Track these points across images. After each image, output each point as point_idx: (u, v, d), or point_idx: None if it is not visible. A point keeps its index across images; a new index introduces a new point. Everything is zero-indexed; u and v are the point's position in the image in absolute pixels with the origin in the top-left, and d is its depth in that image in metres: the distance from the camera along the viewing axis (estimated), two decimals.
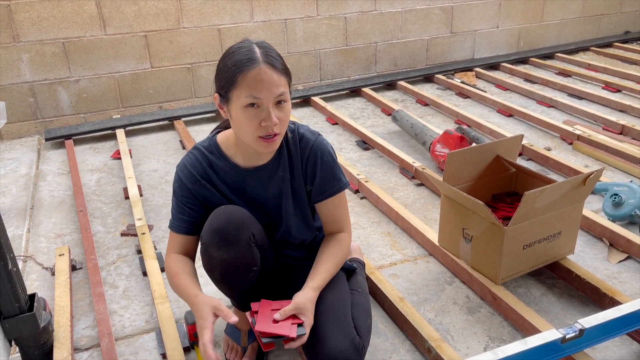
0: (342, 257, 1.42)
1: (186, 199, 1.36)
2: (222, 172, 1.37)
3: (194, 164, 1.37)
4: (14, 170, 2.80)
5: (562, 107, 3.33)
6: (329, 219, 1.44)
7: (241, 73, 1.20)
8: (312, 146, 1.38)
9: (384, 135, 3.04)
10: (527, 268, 1.75)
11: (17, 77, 3.10)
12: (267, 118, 1.22)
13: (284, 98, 1.24)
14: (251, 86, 1.20)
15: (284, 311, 1.24)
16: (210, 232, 1.28)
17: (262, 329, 1.21)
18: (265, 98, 1.20)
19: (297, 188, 1.41)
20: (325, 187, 1.40)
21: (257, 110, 1.22)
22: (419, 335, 1.52)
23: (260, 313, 1.26)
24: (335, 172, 1.41)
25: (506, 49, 4.47)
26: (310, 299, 1.28)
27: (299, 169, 1.39)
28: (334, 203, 1.42)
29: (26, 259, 2.04)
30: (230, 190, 1.38)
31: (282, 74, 1.24)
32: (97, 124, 3.22)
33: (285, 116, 1.26)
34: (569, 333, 1.34)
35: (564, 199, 1.66)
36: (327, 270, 1.37)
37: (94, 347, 1.60)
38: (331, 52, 3.85)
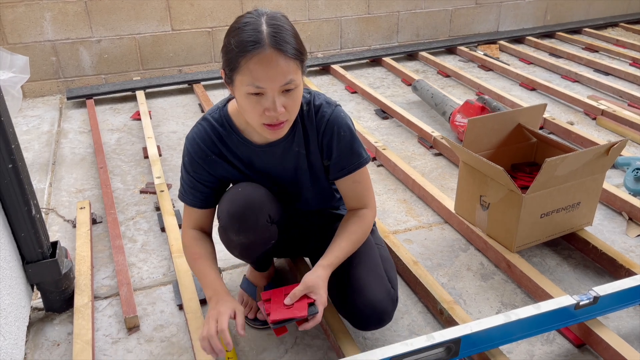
0: (361, 234, 1.34)
1: (198, 174, 1.30)
2: (234, 146, 1.30)
3: (203, 137, 1.28)
4: (36, 127, 2.84)
5: (587, 82, 3.26)
6: (349, 195, 1.36)
7: (244, 57, 1.08)
8: (328, 120, 1.28)
9: (403, 105, 3.01)
10: (543, 237, 1.74)
11: (40, 36, 3.12)
12: (271, 108, 1.11)
13: (293, 85, 1.12)
14: (254, 74, 1.08)
15: (293, 294, 1.21)
16: (229, 217, 1.26)
17: (275, 318, 1.19)
18: (269, 87, 1.10)
19: (314, 163, 1.34)
20: (344, 164, 1.31)
21: (261, 98, 1.11)
22: (432, 298, 1.53)
23: (273, 302, 1.24)
24: (355, 147, 1.31)
25: (532, 22, 4.36)
26: (320, 276, 1.23)
27: (315, 143, 1.30)
28: (354, 179, 1.33)
29: (48, 211, 2.08)
30: (243, 164, 1.32)
31: (293, 59, 1.10)
32: (118, 85, 3.24)
33: (293, 103, 1.15)
34: (583, 300, 1.34)
35: (586, 168, 1.64)
36: (342, 248, 1.30)
37: (113, 295, 1.64)
38: (353, 19, 3.80)
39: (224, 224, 1.28)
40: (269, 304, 1.24)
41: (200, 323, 1.44)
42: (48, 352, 1.44)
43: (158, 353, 1.43)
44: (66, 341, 1.47)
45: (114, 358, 1.42)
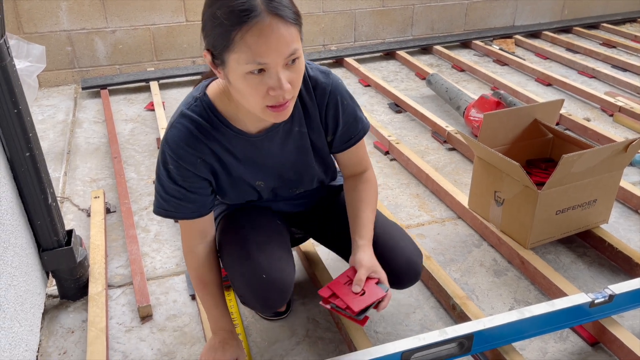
0: (375, 197, 1.30)
1: (189, 182, 1.12)
2: (226, 141, 1.12)
3: (187, 138, 1.08)
4: (51, 116, 2.87)
5: (605, 78, 3.21)
6: (352, 162, 1.29)
7: (238, 31, 0.91)
8: (330, 93, 1.16)
9: (417, 99, 2.99)
10: (558, 234, 1.72)
11: (55, 25, 3.13)
12: (276, 85, 0.96)
13: (297, 55, 0.97)
14: (254, 49, 0.92)
15: (359, 280, 1.14)
16: (252, 298, 1.18)
17: (358, 308, 1.12)
18: (273, 62, 0.94)
19: (316, 140, 1.23)
20: (351, 134, 1.23)
21: (263, 76, 0.95)
22: (444, 293, 1.53)
23: (341, 295, 1.14)
24: (357, 114, 1.23)
25: (549, 16, 4.30)
26: (371, 255, 1.19)
27: (316, 119, 1.19)
28: (357, 146, 1.27)
29: (63, 200, 2.10)
30: (238, 160, 1.16)
31: (293, 24, 0.95)
32: (132, 75, 3.25)
33: (298, 76, 1.00)
34: (598, 298, 1.33)
35: (603, 165, 1.61)
36: (369, 219, 1.25)
37: (126, 284, 1.65)
38: (367, 12, 3.77)
39: (245, 300, 1.21)
40: (337, 298, 1.15)
41: None
42: (62, 339, 1.46)
43: (170, 342, 1.44)
44: (80, 328, 1.49)
45: (127, 346, 1.43)
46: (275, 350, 1.40)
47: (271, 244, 1.24)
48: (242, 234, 1.25)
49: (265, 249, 1.21)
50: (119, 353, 1.41)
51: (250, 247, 1.20)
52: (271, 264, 1.18)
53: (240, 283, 1.18)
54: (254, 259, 1.18)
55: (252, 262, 1.17)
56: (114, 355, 1.40)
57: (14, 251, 1.27)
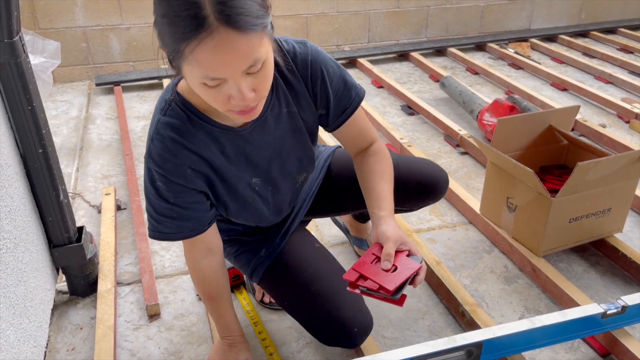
0: (390, 168, 1.18)
1: (180, 198, 1.02)
2: (212, 140, 1.01)
3: (174, 150, 0.97)
4: (65, 112, 2.89)
5: (622, 84, 3.17)
6: (354, 135, 1.18)
7: (187, 44, 0.79)
8: (311, 62, 1.05)
9: (430, 102, 2.97)
10: (570, 242, 1.70)
11: (71, 22, 3.15)
12: (237, 97, 0.85)
13: (260, 64, 0.84)
14: (205, 65, 0.80)
15: (387, 255, 1.01)
16: (344, 345, 1.15)
17: (393, 286, 0.98)
18: (228, 76, 0.83)
19: (307, 118, 1.12)
20: (345, 103, 1.12)
21: (222, 86, 0.85)
22: (454, 299, 1.51)
23: (370, 275, 1.01)
24: (347, 79, 1.12)
25: (566, 20, 4.25)
26: (395, 225, 1.07)
27: (304, 94, 1.08)
28: (356, 117, 1.15)
29: (74, 196, 2.11)
30: (230, 161, 1.06)
31: (253, 30, 0.80)
32: (145, 72, 3.26)
33: (264, 82, 0.88)
34: (610, 309, 1.31)
35: (618, 173, 1.59)
36: (386, 190, 1.13)
37: (135, 282, 1.66)
38: (381, 13, 3.76)
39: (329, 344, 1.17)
40: (366, 280, 1.01)
41: None
42: (71, 335, 1.46)
43: (178, 342, 1.44)
44: (89, 325, 1.49)
45: (134, 344, 1.43)
46: (282, 353, 1.40)
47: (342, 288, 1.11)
48: (309, 289, 1.16)
49: (340, 299, 1.13)
50: (127, 351, 1.41)
51: (330, 304, 1.13)
52: (357, 313, 1.13)
53: (332, 337, 1.14)
54: (343, 316, 1.11)
55: (341, 320, 1.11)
56: (122, 353, 1.41)
57: (25, 247, 1.27)
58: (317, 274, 1.19)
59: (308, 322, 1.19)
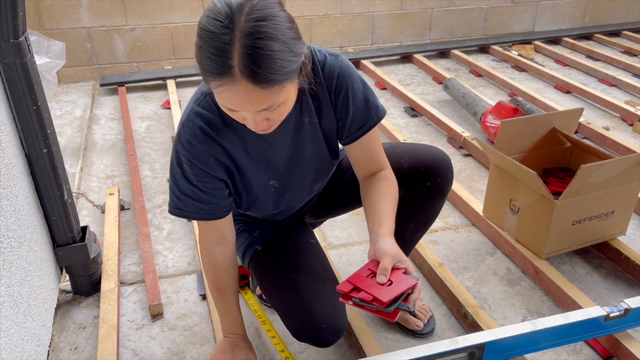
0: (395, 194, 1.18)
1: (203, 182, 1.08)
2: (238, 136, 1.08)
3: (199, 136, 1.05)
4: (69, 112, 2.90)
5: (625, 87, 3.16)
6: (366, 157, 1.19)
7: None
8: (338, 75, 1.09)
9: (434, 104, 2.97)
10: (573, 245, 1.70)
11: (76, 22, 3.17)
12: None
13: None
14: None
15: (384, 269, 1.01)
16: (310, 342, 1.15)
17: (388, 298, 0.97)
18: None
19: (328, 128, 1.16)
20: (363, 120, 1.14)
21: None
22: (456, 301, 1.51)
23: (365, 287, 1.00)
24: (369, 99, 1.14)
25: (570, 22, 4.25)
26: (393, 243, 1.07)
27: (327, 103, 1.12)
28: (370, 138, 1.17)
29: (78, 196, 2.12)
30: (251, 159, 1.12)
31: (275, 84, 0.86)
32: (149, 73, 3.27)
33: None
34: (613, 311, 1.31)
35: (621, 176, 1.59)
36: (388, 211, 1.13)
37: (138, 282, 1.66)
38: (385, 15, 3.76)
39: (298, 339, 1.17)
40: (360, 292, 1.01)
41: None
42: (74, 334, 1.47)
43: (180, 342, 1.44)
44: (92, 325, 1.50)
45: (137, 344, 1.44)
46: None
47: (321, 284, 1.17)
48: (288, 276, 1.18)
49: (317, 294, 1.15)
50: (129, 350, 1.42)
51: (303, 295, 1.14)
52: (328, 312, 1.13)
53: (298, 329, 1.15)
54: (312, 310, 1.12)
55: (309, 313, 1.12)
56: (125, 352, 1.41)
57: (29, 246, 1.28)
58: (300, 263, 1.21)
59: (281, 310, 1.19)
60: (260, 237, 1.30)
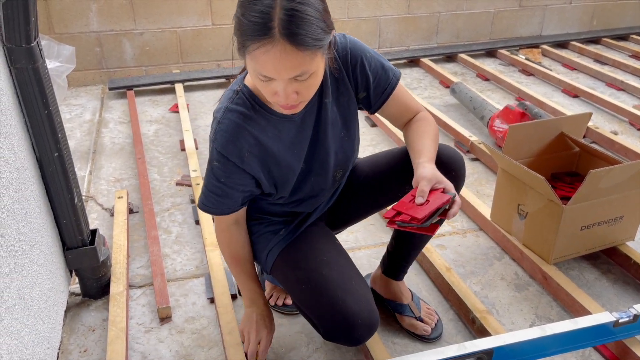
0: (434, 130, 1.25)
1: (231, 179, 1.15)
2: (271, 127, 1.14)
3: (238, 133, 1.11)
4: (78, 115, 2.92)
5: (633, 91, 3.15)
6: (399, 111, 1.27)
7: (251, 43, 0.93)
8: (350, 48, 1.17)
9: (441, 108, 2.97)
10: (582, 250, 1.69)
11: (85, 26, 3.20)
12: (280, 94, 0.99)
13: (306, 76, 0.98)
14: (260, 64, 0.95)
15: (422, 191, 1.07)
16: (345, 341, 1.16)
17: (422, 215, 1.04)
18: (277, 77, 0.97)
19: (345, 104, 1.22)
20: (383, 84, 1.22)
21: (271, 82, 0.99)
22: (464, 306, 1.51)
23: (405, 210, 1.07)
24: (384, 64, 1.22)
25: (578, 27, 4.24)
26: (432, 168, 1.13)
27: (344, 79, 1.19)
28: (396, 95, 1.24)
29: (87, 199, 2.14)
30: (285, 147, 1.17)
31: (309, 49, 0.93)
32: (158, 77, 3.30)
33: (307, 90, 1.02)
34: (622, 317, 1.30)
35: (631, 181, 1.58)
36: (428, 145, 1.19)
37: (147, 285, 1.67)
38: (392, 19, 3.77)
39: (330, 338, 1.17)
40: (401, 215, 1.07)
41: (231, 317, 1.46)
42: (83, 337, 1.48)
43: (189, 345, 1.45)
44: (101, 327, 1.51)
45: (146, 347, 1.44)
46: (291, 358, 1.40)
47: (353, 280, 1.18)
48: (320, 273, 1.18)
49: (349, 288, 1.15)
50: (138, 353, 1.42)
51: (337, 292, 1.14)
52: (364, 307, 1.14)
53: (333, 327, 1.14)
54: (347, 306, 1.12)
55: (345, 309, 1.12)
56: (133, 355, 1.42)
57: (40, 249, 1.29)
58: (330, 261, 1.21)
59: (312, 308, 1.19)
60: (285, 237, 1.31)
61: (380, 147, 2.56)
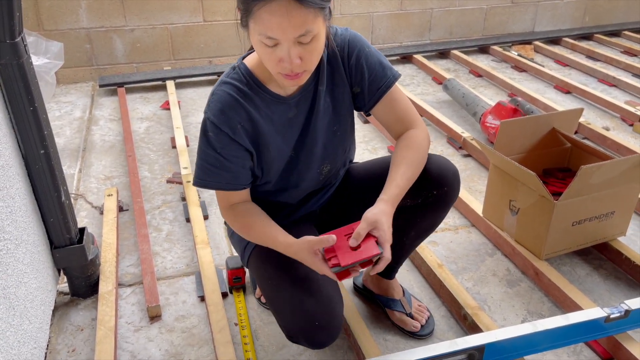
0: (416, 157, 1.18)
1: (226, 150, 1.12)
2: (265, 106, 1.14)
3: (228, 102, 1.11)
4: (68, 113, 2.89)
5: (625, 87, 3.16)
6: (391, 118, 1.22)
7: (257, 4, 0.95)
8: (349, 40, 1.17)
9: (433, 104, 2.96)
10: (574, 246, 1.69)
11: (75, 23, 3.16)
12: (285, 59, 1.00)
13: (309, 37, 0.99)
14: (266, 24, 0.96)
15: (357, 233, 1.05)
16: (304, 341, 1.13)
17: (346, 262, 1.03)
18: (282, 39, 0.98)
19: (340, 97, 1.20)
20: (379, 81, 1.19)
21: (276, 48, 0.99)
22: (456, 302, 1.51)
23: (337, 247, 1.06)
24: (382, 61, 1.20)
25: (570, 23, 4.24)
26: (382, 211, 1.08)
27: (339, 69, 1.18)
28: (392, 97, 1.20)
29: (77, 197, 2.12)
30: (276, 129, 1.16)
31: (312, 6, 0.96)
32: (149, 74, 3.27)
33: (310, 55, 1.02)
34: (613, 313, 1.30)
35: (622, 177, 1.58)
36: (401, 175, 1.14)
37: (136, 284, 1.65)
38: (385, 15, 3.75)
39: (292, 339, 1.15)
40: (331, 260, 1.06)
41: (222, 316, 1.45)
42: (72, 336, 1.46)
43: (179, 343, 1.43)
44: (90, 326, 1.49)
45: (135, 346, 1.43)
46: (282, 355, 1.39)
47: (319, 282, 1.15)
48: (287, 272, 1.16)
49: (314, 290, 1.12)
50: (127, 353, 1.41)
51: (300, 291, 1.12)
52: (324, 310, 1.11)
53: (292, 327, 1.13)
54: (307, 306, 1.10)
55: (305, 309, 1.10)
56: (122, 354, 1.40)
57: (26, 248, 1.27)
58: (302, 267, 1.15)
59: (275, 307, 1.17)
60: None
61: (373, 143, 2.55)
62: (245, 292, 1.59)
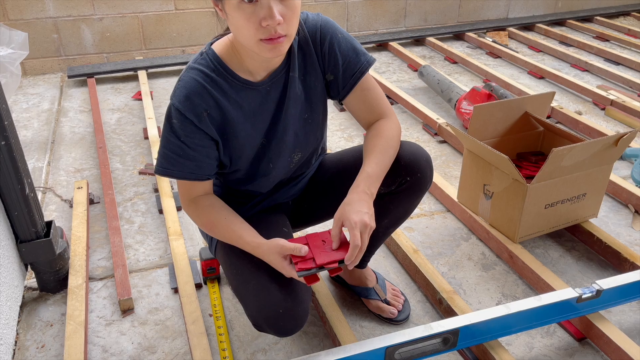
0: (386, 145, 1.17)
1: (190, 138, 1.08)
2: (233, 93, 1.11)
3: (195, 89, 1.07)
4: (36, 105, 2.81)
5: (597, 72, 3.20)
6: (362, 107, 1.21)
7: None
8: (321, 25, 1.16)
9: (409, 91, 2.96)
10: (547, 228, 1.70)
11: (41, 12, 3.07)
12: (267, 16, 0.96)
13: None
14: None
15: (334, 236, 1.07)
16: (268, 329, 1.11)
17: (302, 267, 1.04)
18: None
19: (312, 85, 1.18)
20: (353, 68, 1.17)
21: (255, 6, 0.97)
22: (431, 287, 1.51)
23: (313, 248, 1.08)
24: (356, 47, 1.18)
25: (543, 9, 4.27)
26: (348, 202, 1.08)
27: (312, 56, 1.16)
28: (363, 86, 1.19)
29: (45, 190, 2.06)
30: (245, 116, 1.13)
31: None
32: (120, 64, 3.20)
33: (291, 13, 0.99)
34: (585, 293, 1.31)
35: (593, 159, 1.59)
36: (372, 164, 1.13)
37: (108, 277, 1.62)
38: (360, 3, 3.73)
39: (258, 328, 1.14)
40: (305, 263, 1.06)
41: (195, 307, 1.42)
42: (41, 332, 1.42)
43: (152, 336, 1.41)
44: (59, 322, 1.46)
45: (107, 340, 1.40)
46: (258, 345, 1.38)
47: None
48: (252, 260, 1.13)
49: (277, 278, 1.10)
50: (98, 347, 1.38)
51: (263, 279, 1.10)
52: (288, 297, 1.09)
53: (257, 315, 1.10)
54: (271, 293, 1.08)
55: (268, 296, 1.08)
56: (93, 349, 1.37)
57: None
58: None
59: (240, 294, 1.15)
60: None
61: (349, 131, 2.54)
62: (220, 283, 1.57)
